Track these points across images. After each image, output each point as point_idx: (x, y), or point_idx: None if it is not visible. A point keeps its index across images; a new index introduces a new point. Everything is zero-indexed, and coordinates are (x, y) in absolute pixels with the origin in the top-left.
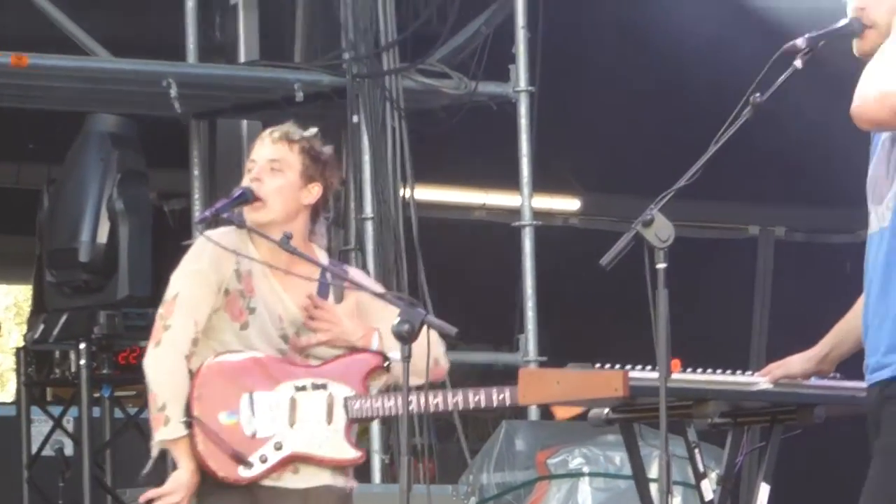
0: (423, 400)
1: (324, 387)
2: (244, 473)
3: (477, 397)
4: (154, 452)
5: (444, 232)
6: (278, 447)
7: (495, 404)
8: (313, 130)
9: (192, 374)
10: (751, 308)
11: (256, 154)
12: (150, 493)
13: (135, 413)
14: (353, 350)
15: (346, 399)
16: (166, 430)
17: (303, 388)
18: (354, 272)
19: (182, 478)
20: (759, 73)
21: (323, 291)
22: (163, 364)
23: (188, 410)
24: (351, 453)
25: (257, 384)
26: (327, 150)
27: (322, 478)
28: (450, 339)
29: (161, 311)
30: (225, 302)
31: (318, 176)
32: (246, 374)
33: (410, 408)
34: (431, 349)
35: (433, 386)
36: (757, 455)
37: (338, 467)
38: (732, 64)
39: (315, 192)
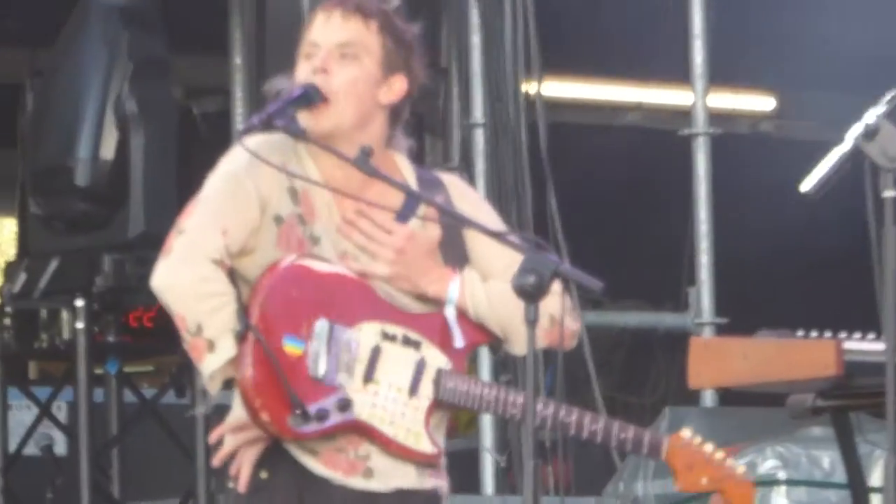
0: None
1: (417, 345)
2: (295, 425)
3: (594, 427)
4: (212, 390)
5: (584, 142)
6: (343, 406)
7: (626, 447)
8: (395, 2)
9: (255, 284)
10: None
11: (320, 34)
12: (219, 430)
13: (152, 397)
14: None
15: (439, 371)
16: (215, 357)
17: (392, 338)
18: (453, 184)
19: None
20: None
21: (406, 215)
22: (180, 275)
23: (245, 319)
24: (425, 446)
25: (341, 312)
26: (412, 29)
27: (404, 478)
28: (593, 294)
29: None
30: (278, 233)
31: (402, 65)
32: (330, 292)
33: (509, 415)
34: (549, 304)
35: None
36: None
37: (416, 461)
38: None
39: (397, 87)
